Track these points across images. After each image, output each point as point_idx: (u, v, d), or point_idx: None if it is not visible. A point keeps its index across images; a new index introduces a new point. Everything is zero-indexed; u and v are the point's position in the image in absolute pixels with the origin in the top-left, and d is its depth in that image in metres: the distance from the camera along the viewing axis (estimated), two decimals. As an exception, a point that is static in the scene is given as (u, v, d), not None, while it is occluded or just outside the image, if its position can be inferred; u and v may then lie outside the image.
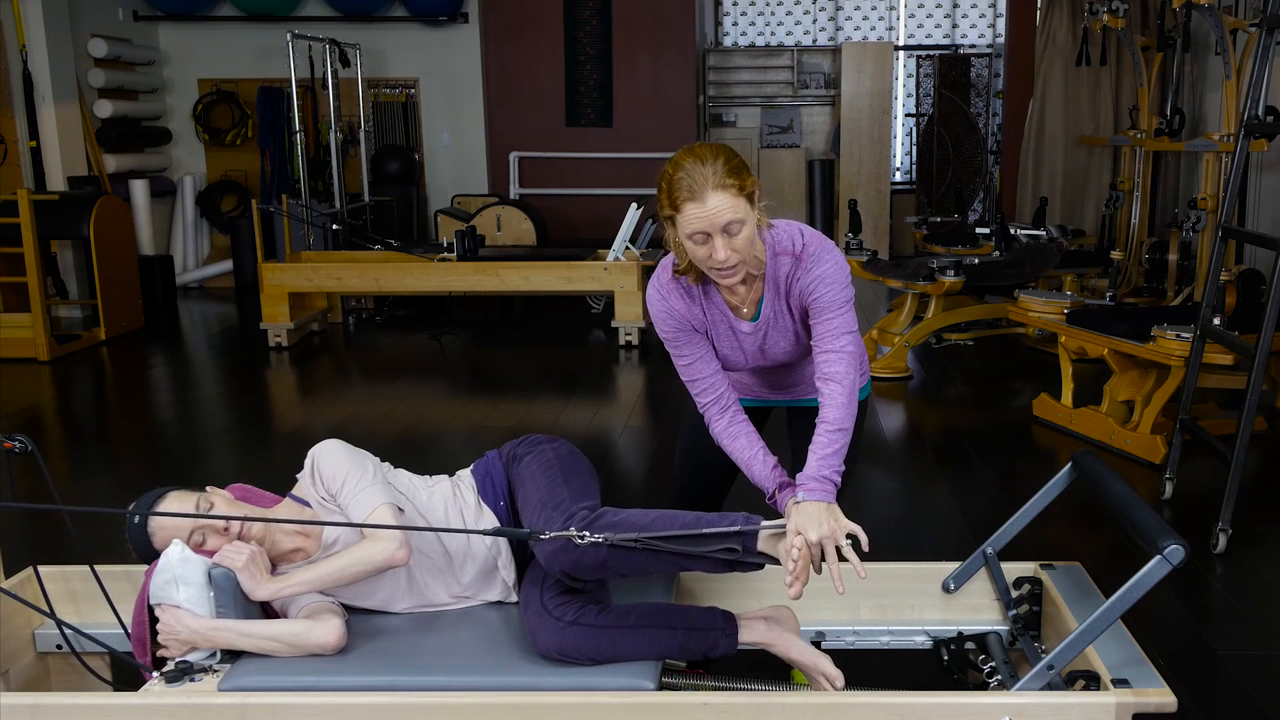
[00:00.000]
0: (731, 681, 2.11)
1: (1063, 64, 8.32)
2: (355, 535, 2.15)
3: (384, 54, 9.88)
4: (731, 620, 2.13)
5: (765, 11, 11.48)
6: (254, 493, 2.36)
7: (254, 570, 2.07)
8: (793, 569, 1.97)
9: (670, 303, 2.22)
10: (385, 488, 2.16)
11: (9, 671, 2.29)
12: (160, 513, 2.13)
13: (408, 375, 6.46)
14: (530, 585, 2.14)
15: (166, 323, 8.16)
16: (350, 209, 8.44)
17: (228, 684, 1.98)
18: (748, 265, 2.11)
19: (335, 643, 2.04)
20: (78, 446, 5.12)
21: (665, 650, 2.05)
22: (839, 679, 2.10)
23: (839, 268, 2.16)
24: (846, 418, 2.11)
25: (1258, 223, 6.42)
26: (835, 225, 10.85)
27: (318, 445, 2.23)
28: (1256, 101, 3.81)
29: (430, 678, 1.99)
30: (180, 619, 2.04)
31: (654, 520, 2.06)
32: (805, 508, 2.02)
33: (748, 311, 2.23)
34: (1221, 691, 2.74)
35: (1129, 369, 4.65)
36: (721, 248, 2.02)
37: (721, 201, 1.99)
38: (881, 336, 6.31)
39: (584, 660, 2.00)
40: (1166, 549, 1.82)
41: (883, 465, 4.68)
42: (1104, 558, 3.50)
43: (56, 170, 8.28)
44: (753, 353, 2.28)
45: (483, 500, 2.29)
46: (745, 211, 2.02)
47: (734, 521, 2.05)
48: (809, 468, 2.08)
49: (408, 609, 2.23)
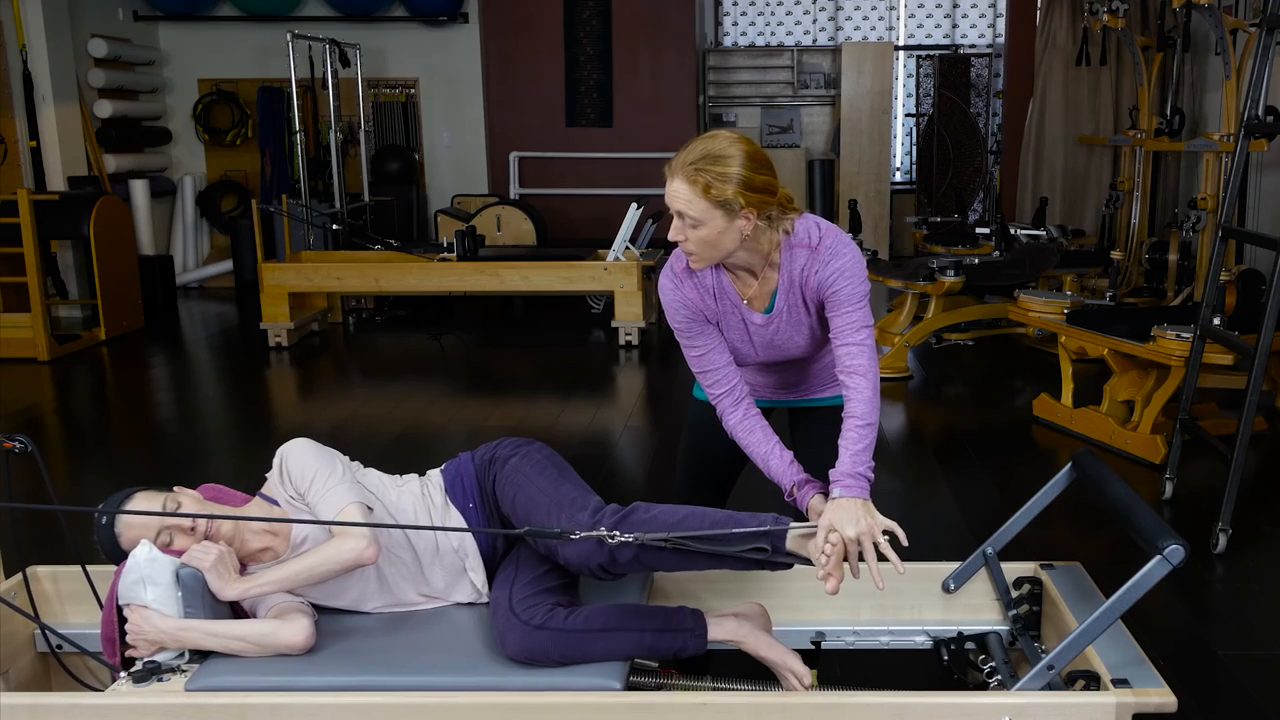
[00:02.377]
0: (703, 681, 2.12)
1: (1063, 64, 8.32)
2: (324, 535, 2.15)
3: (384, 54, 9.87)
4: (700, 620, 2.13)
5: (765, 11, 11.48)
6: (225, 493, 2.35)
7: (222, 570, 2.07)
8: (825, 563, 1.97)
9: (683, 292, 2.22)
10: (354, 486, 2.16)
11: (9, 671, 2.29)
12: (126, 510, 2.12)
13: (408, 375, 6.46)
14: (500, 588, 2.13)
15: (166, 323, 8.16)
16: (350, 209, 8.43)
17: (195, 684, 1.98)
18: (713, 263, 2.14)
19: (303, 643, 2.04)
20: (78, 447, 5.12)
21: (633, 652, 2.06)
22: (807, 677, 2.10)
23: (856, 261, 2.17)
24: (873, 411, 2.11)
25: (1258, 223, 6.42)
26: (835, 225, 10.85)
27: (286, 444, 2.23)
28: (1256, 101, 3.81)
29: (399, 678, 1.99)
30: (148, 619, 2.03)
31: (684, 518, 2.07)
32: (842, 504, 2.01)
33: (761, 304, 2.23)
34: (1221, 691, 2.74)
35: (1129, 369, 4.65)
36: (677, 229, 2.08)
37: (679, 189, 2.04)
38: (881, 336, 6.30)
39: (552, 663, 2.01)
40: (1166, 549, 1.82)
41: (883, 465, 4.65)
42: (1104, 558, 3.50)
43: (56, 170, 8.28)
44: (764, 345, 2.27)
45: (450, 501, 2.28)
46: (705, 213, 2.04)
47: (763, 522, 2.05)
48: (842, 464, 2.07)
49: (378, 608, 2.23)
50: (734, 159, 2.03)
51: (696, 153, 2.03)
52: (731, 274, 2.22)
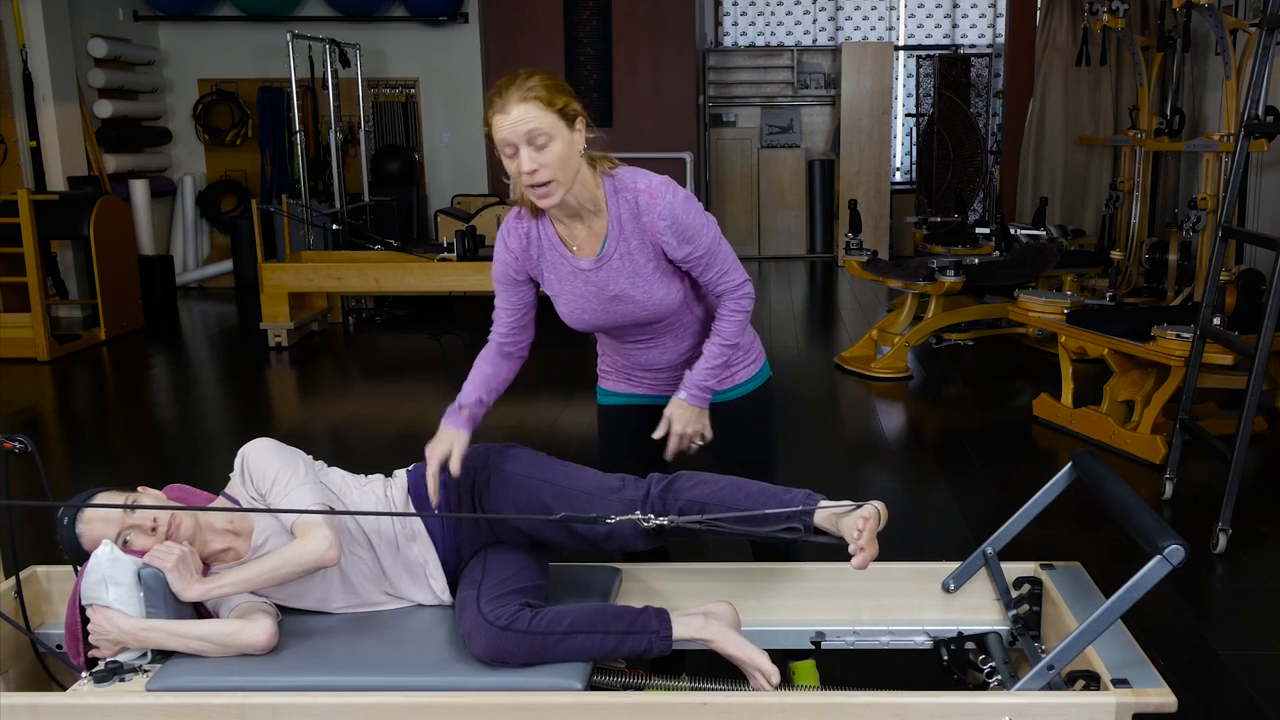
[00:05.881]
0: (680, 680, 2.13)
1: (1063, 64, 8.31)
2: (286, 536, 2.15)
3: (384, 54, 9.88)
4: (666, 621, 2.12)
5: (765, 11, 11.48)
6: (190, 493, 2.35)
7: (183, 570, 2.06)
8: (857, 539, 2.01)
9: (507, 241, 2.32)
10: (315, 486, 2.16)
11: (9, 672, 2.29)
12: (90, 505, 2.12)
13: (408, 375, 6.46)
14: (467, 588, 2.14)
15: (166, 323, 8.16)
16: (350, 209, 8.43)
17: (156, 684, 1.98)
18: (567, 189, 2.15)
19: (265, 642, 2.04)
20: (78, 446, 5.12)
21: (599, 653, 2.07)
22: (775, 675, 2.10)
23: (688, 204, 2.23)
24: (739, 334, 2.35)
25: (1258, 223, 6.42)
26: (835, 225, 10.86)
27: (247, 444, 2.23)
28: (1256, 101, 3.81)
29: (363, 678, 1.99)
30: (110, 619, 2.03)
31: (723, 488, 2.17)
32: (684, 406, 2.35)
33: (591, 249, 2.27)
34: (1221, 691, 2.74)
35: (1129, 369, 4.65)
36: (528, 159, 2.08)
37: (524, 112, 2.07)
38: (881, 336, 6.30)
39: (518, 664, 2.01)
40: (1166, 549, 1.82)
41: (883, 465, 4.68)
42: (1104, 558, 3.50)
43: (56, 170, 8.27)
44: (603, 299, 2.30)
45: (411, 502, 2.27)
46: (553, 126, 2.08)
47: (795, 499, 2.11)
48: (695, 373, 2.35)
49: (343, 609, 2.23)
50: (543, 79, 2.11)
51: (517, 83, 2.09)
52: (559, 223, 2.27)
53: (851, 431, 5.17)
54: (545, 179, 2.11)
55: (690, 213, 2.23)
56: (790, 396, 5.59)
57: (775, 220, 11.20)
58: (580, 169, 2.17)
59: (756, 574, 2.40)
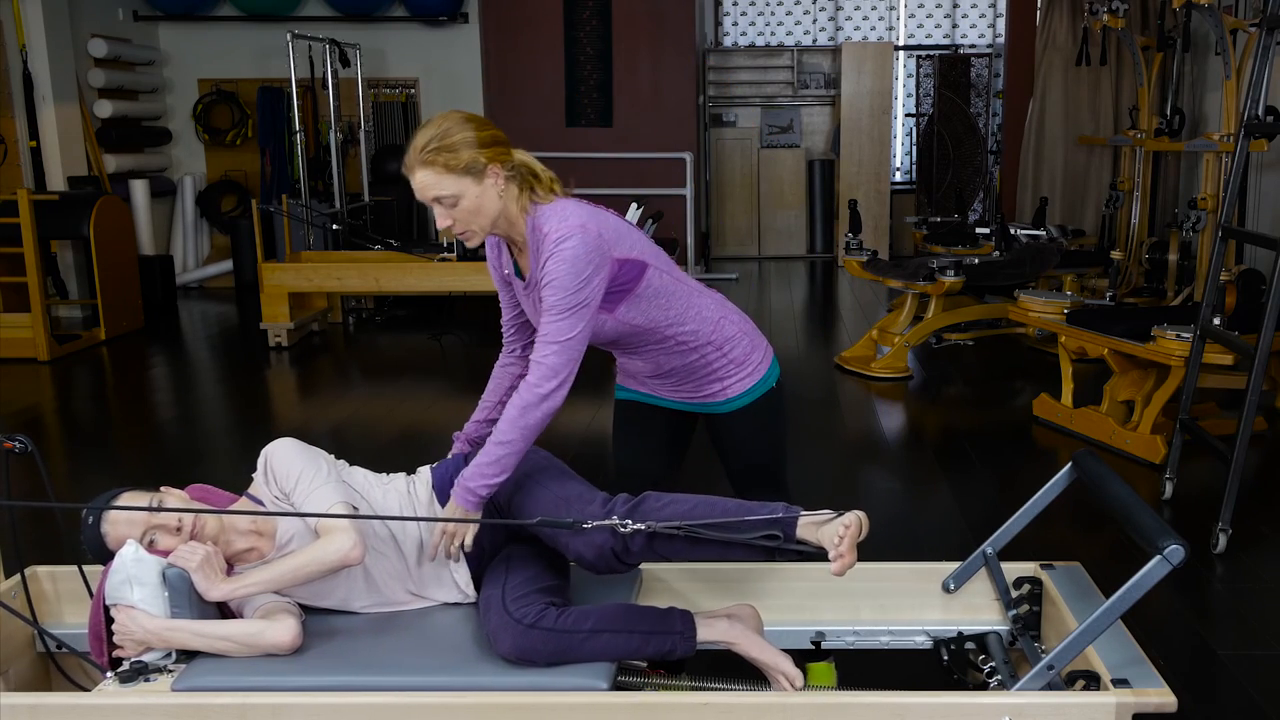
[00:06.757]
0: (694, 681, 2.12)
1: (1063, 64, 8.31)
2: (310, 535, 2.15)
3: (384, 54, 9.87)
4: (690, 622, 2.12)
5: (765, 11, 11.49)
6: (213, 493, 2.35)
7: (208, 570, 2.06)
8: (838, 545, 2.00)
9: (490, 251, 2.40)
10: (339, 486, 2.16)
11: (9, 671, 2.29)
12: (114, 506, 2.12)
13: (408, 375, 6.46)
14: (492, 586, 2.13)
15: (166, 323, 8.16)
16: (350, 209, 8.43)
17: (181, 684, 1.97)
18: (486, 232, 2.21)
19: (290, 643, 2.04)
20: (78, 446, 5.12)
21: (623, 653, 2.06)
22: (798, 679, 2.10)
23: (572, 267, 2.13)
24: (513, 430, 2.14)
25: (1258, 223, 6.42)
26: (835, 225, 10.86)
27: (271, 444, 2.23)
28: (1256, 101, 3.81)
29: (386, 678, 1.99)
30: (135, 619, 2.03)
31: (695, 506, 2.11)
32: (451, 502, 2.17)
33: (526, 270, 2.30)
34: (1221, 691, 2.74)
35: (1129, 369, 4.65)
36: (441, 216, 2.15)
37: (425, 177, 2.11)
38: (881, 336, 6.31)
39: (542, 663, 2.01)
40: (1166, 549, 1.82)
41: (883, 465, 4.69)
42: (1104, 558, 3.50)
43: (56, 170, 8.28)
44: (534, 311, 2.33)
45: (436, 499, 2.29)
46: (457, 185, 2.11)
47: (773, 511, 2.08)
48: (465, 470, 2.18)
49: (366, 608, 2.23)
50: (455, 128, 2.11)
51: (422, 140, 2.11)
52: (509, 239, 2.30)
53: (851, 431, 5.18)
54: (460, 230, 2.17)
55: (569, 279, 2.13)
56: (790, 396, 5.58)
57: (775, 220, 11.21)
58: (504, 208, 2.18)
59: (757, 574, 2.40)
